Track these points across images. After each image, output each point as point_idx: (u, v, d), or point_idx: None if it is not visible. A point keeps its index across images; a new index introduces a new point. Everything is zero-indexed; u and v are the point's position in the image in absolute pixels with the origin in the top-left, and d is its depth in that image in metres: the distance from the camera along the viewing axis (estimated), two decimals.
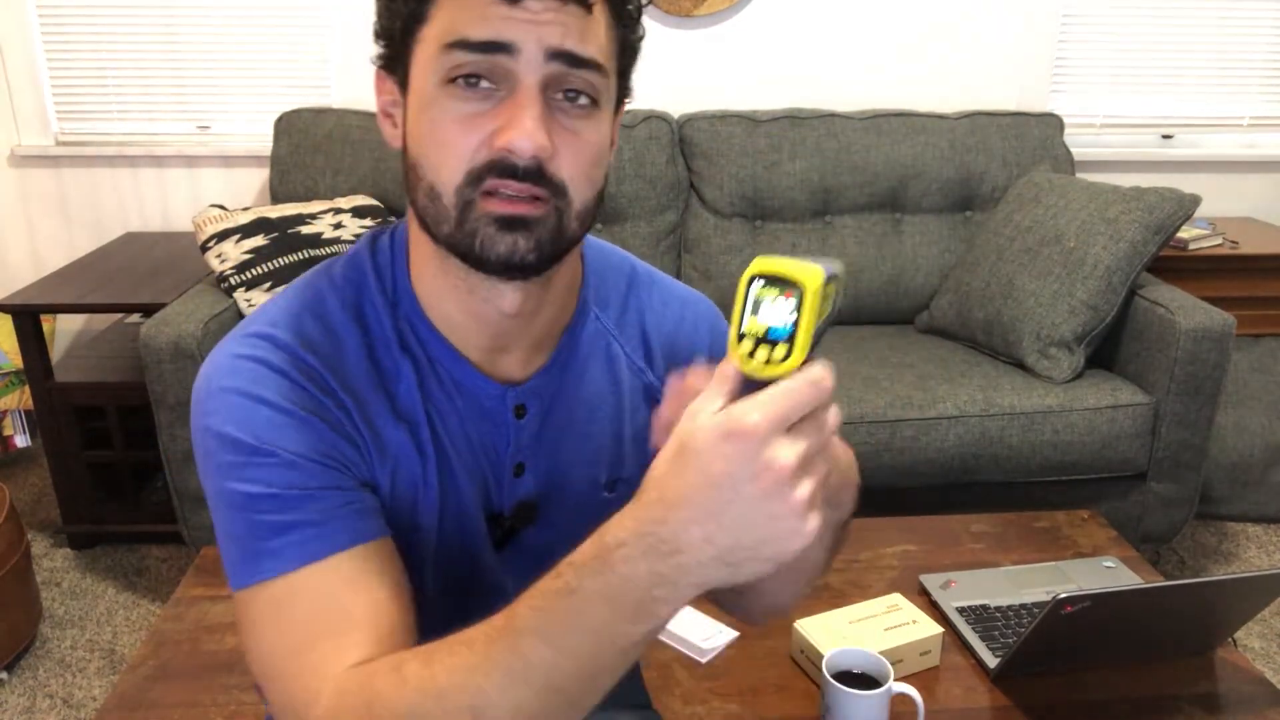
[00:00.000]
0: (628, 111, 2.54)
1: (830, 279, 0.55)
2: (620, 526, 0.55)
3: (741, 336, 0.54)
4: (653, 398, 0.86)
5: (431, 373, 0.77)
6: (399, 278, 0.77)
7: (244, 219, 2.19)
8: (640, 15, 0.73)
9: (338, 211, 2.29)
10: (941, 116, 2.58)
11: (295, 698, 0.66)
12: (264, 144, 2.69)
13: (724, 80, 2.74)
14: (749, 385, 0.53)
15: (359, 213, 2.31)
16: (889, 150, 2.51)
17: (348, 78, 2.69)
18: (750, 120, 2.52)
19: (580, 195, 0.69)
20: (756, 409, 0.51)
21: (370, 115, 2.50)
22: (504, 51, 0.64)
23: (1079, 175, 2.68)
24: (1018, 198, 2.40)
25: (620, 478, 0.86)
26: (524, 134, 0.64)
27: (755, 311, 0.53)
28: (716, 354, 0.89)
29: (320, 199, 2.43)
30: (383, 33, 0.71)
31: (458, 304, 0.75)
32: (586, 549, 0.56)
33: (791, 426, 0.51)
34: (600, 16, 0.68)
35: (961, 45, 2.77)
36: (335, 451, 0.72)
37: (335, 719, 0.64)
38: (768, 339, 0.53)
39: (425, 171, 0.69)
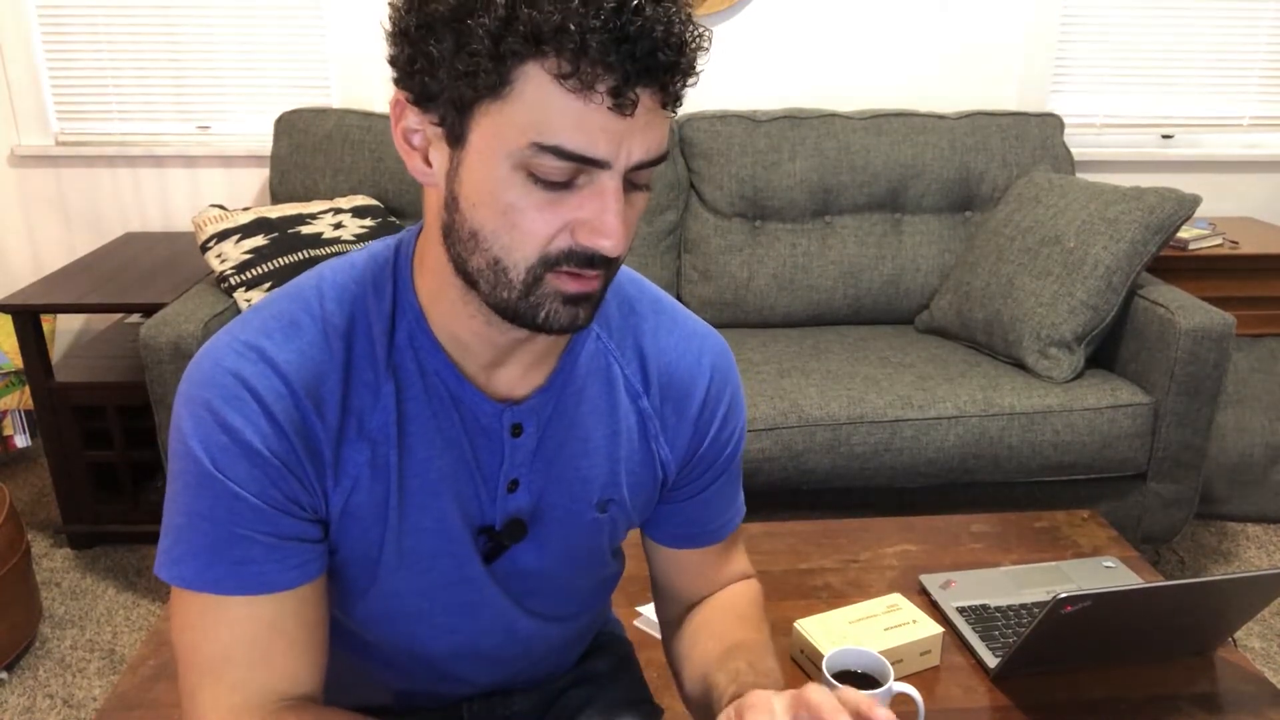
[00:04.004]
0: None
1: None
2: None
3: None
4: (645, 424, 0.86)
5: (423, 388, 0.76)
6: (403, 291, 0.76)
7: (244, 219, 2.19)
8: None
9: (338, 211, 2.29)
10: (941, 116, 2.58)
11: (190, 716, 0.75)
12: (264, 144, 2.69)
13: (724, 80, 2.74)
14: None
15: (359, 213, 2.31)
16: (889, 150, 2.51)
17: (348, 78, 2.69)
18: (750, 120, 2.52)
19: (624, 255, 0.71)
20: None
21: (370, 115, 2.50)
22: (597, 165, 0.64)
23: (1079, 175, 2.68)
24: (1018, 198, 2.40)
25: (612, 499, 0.85)
26: (612, 236, 0.65)
27: None
28: (716, 391, 0.88)
29: (320, 199, 2.43)
30: (426, 70, 0.64)
31: (466, 326, 0.74)
32: None
33: None
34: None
35: (961, 45, 2.77)
36: (285, 495, 0.73)
37: None
38: None
39: (491, 245, 0.67)
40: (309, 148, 2.47)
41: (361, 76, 2.68)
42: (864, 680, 1.06)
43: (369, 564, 0.79)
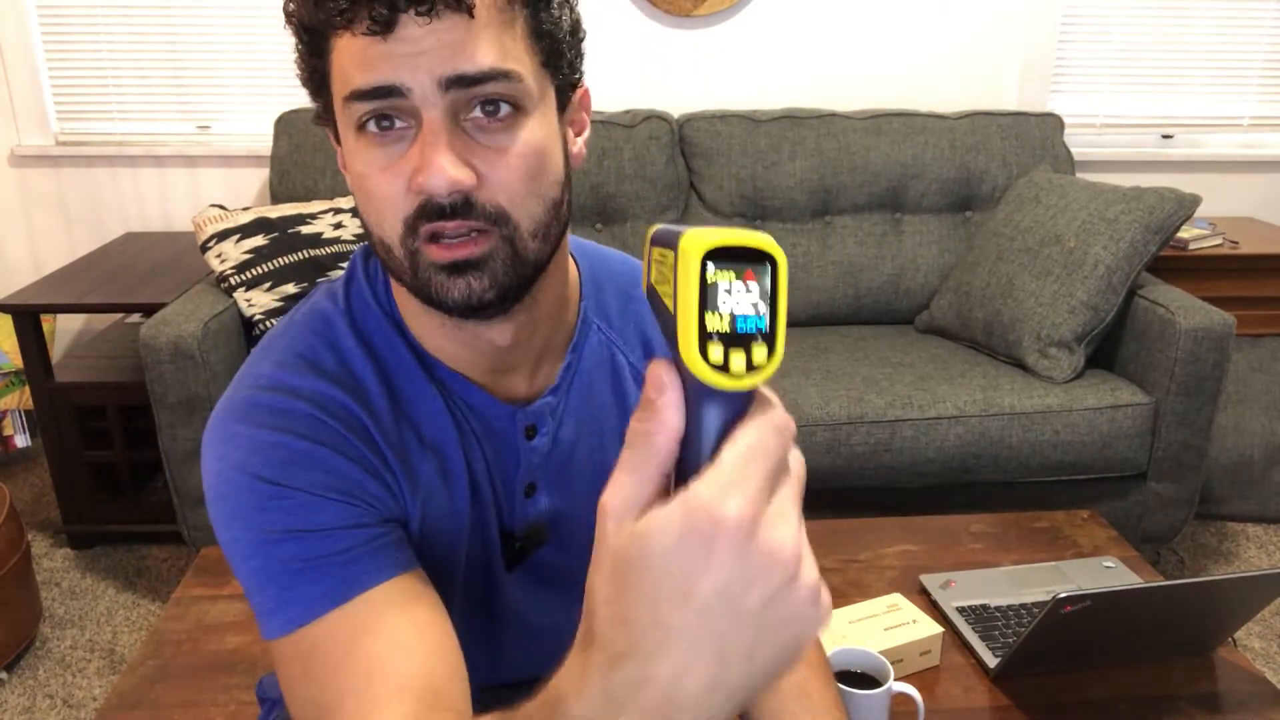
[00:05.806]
0: (627, 111, 2.54)
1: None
2: (577, 693, 0.40)
3: (709, 338, 0.39)
4: None
5: (448, 397, 0.75)
6: (393, 308, 0.75)
7: (244, 219, 2.19)
8: None
9: (338, 211, 2.29)
10: (941, 116, 2.58)
11: None
12: (264, 144, 2.69)
13: (724, 80, 2.74)
14: (701, 396, 0.40)
15: (359, 213, 2.31)
16: (889, 150, 2.51)
17: None
18: (750, 120, 2.52)
19: (526, 214, 0.65)
20: (731, 491, 0.37)
21: None
22: (396, 95, 0.61)
23: (1079, 175, 2.68)
24: (1018, 198, 2.40)
25: None
26: (434, 172, 0.61)
27: (712, 302, 0.39)
28: None
29: (320, 199, 2.43)
30: (310, 92, 0.69)
31: (448, 338, 0.73)
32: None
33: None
34: (489, 17, 0.62)
35: (962, 45, 2.77)
36: (359, 489, 0.69)
37: None
38: (736, 336, 0.39)
39: (372, 226, 0.67)
40: (309, 148, 2.47)
41: None
42: (864, 680, 1.06)
43: (450, 574, 0.76)
